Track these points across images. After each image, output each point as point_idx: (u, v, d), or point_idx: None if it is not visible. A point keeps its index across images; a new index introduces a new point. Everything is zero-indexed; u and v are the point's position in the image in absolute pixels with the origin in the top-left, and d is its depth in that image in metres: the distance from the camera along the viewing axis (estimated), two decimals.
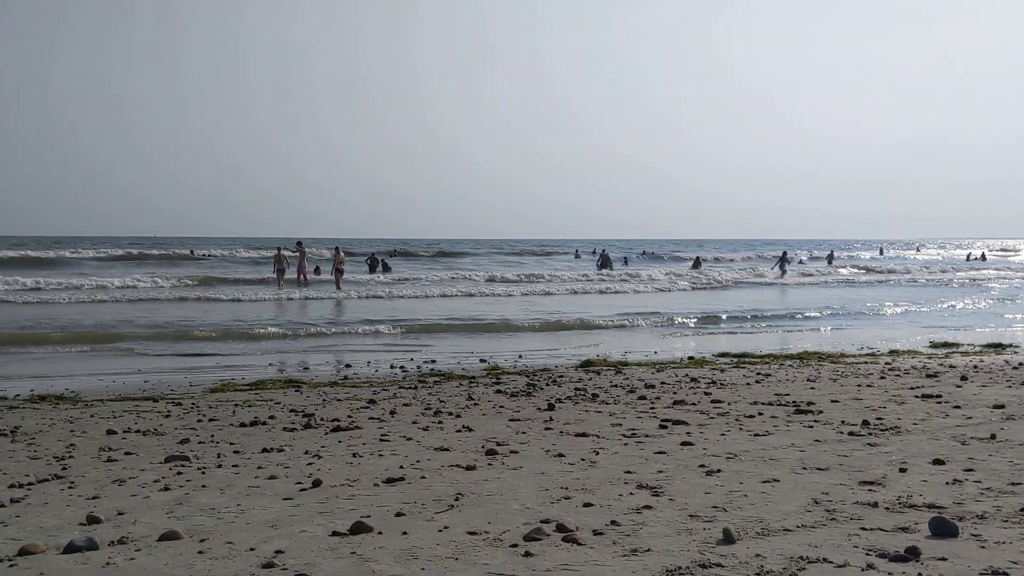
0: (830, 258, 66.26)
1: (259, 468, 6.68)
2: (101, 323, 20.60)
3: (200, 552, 4.53)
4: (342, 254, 34.03)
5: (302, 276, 34.36)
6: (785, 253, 56.00)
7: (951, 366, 13.27)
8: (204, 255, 57.11)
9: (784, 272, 49.29)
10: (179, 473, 6.56)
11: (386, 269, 45.03)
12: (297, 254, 35.01)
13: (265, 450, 7.40)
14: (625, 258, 64.90)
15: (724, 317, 24.02)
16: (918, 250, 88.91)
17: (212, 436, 8.17)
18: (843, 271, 54.81)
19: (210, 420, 9.09)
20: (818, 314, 25.24)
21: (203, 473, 6.56)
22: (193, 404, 10.25)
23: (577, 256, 67.32)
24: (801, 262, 64.72)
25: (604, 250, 60.60)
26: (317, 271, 40.26)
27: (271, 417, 9.18)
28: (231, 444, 7.74)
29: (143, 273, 38.33)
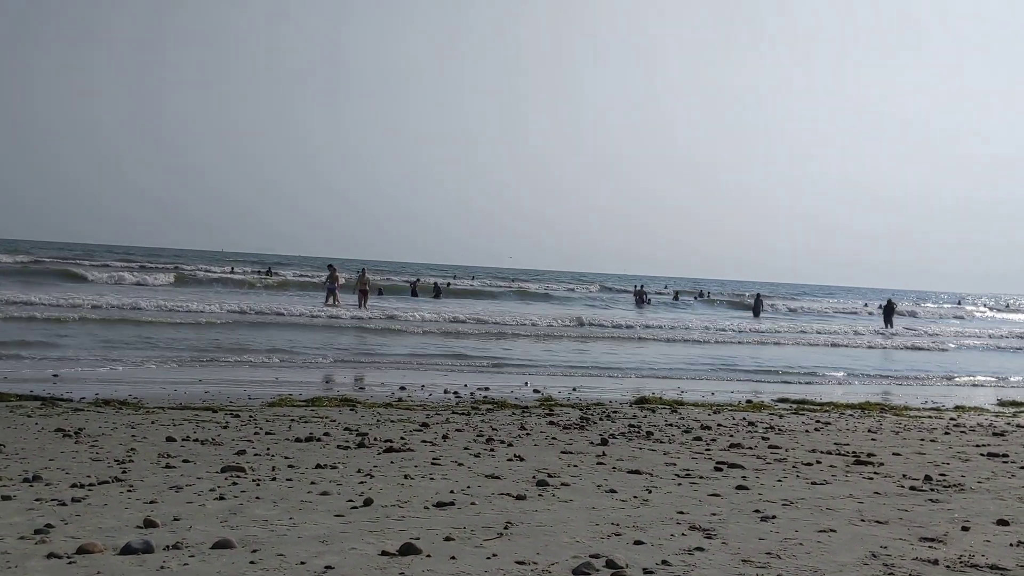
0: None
1: (312, 483, 6.75)
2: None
3: (252, 562, 4.59)
4: (367, 276, 36.12)
5: (333, 298, 35.30)
6: (891, 303, 43.82)
7: (1019, 425, 12.86)
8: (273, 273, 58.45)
9: (891, 325, 40.53)
10: (234, 483, 6.66)
11: (437, 294, 47.63)
12: (330, 276, 36.21)
13: (319, 466, 7.47)
14: (676, 293, 64.28)
15: None
16: (959, 303, 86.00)
17: (268, 449, 8.28)
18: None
19: (267, 433, 9.22)
20: None
21: (258, 485, 6.65)
22: (251, 417, 10.40)
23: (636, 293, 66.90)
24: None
25: (639, 285, 59.77)
26: (380, 292, 43.45)
27: (326, 434, 9.27)
28: (286, 458, 7.84)
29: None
